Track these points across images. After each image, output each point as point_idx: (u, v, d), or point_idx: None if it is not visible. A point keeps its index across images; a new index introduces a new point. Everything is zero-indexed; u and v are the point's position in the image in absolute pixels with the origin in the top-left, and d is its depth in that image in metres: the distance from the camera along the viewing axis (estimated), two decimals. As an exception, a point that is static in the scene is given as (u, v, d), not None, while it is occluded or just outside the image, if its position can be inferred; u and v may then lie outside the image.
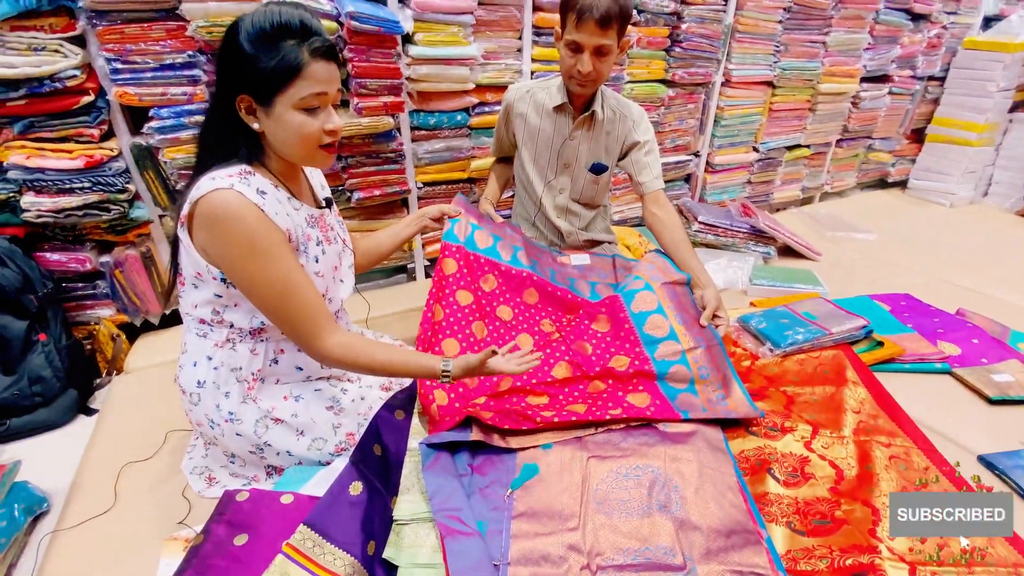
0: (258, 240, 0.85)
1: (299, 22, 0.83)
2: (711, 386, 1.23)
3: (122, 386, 1.51)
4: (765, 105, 2.56)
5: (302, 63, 0.83)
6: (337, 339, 0.92)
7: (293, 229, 0.92)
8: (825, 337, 1.52)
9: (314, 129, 0.88)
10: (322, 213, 1.05)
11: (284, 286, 0.87)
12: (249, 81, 0.84)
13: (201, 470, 1.12)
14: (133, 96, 1.40)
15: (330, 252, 1.04)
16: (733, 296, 1.95)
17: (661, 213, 1.53)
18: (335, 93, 0.90)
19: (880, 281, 2.10)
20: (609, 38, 1.28)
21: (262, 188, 0.88)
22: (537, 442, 1.06)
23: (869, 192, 3.38)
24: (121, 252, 1.55)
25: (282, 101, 0.85)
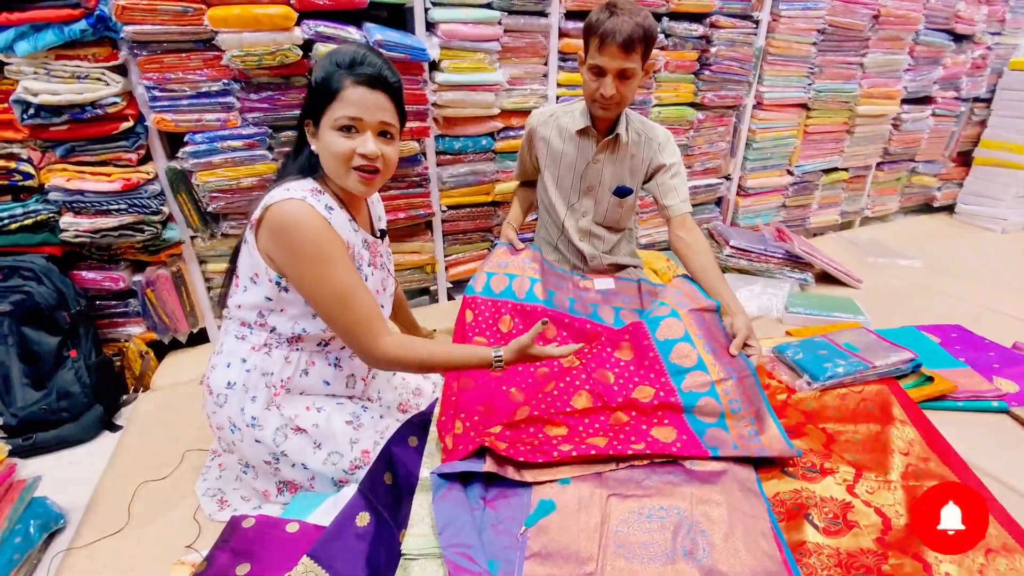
0: (324, 248, 0.92)
1: (350, 56, 0.93)
2: (743, 421, 1.15)
3: (147, 403, 1.53)
4: (799, 127, 2.49)
5: (341, 87, 0.92)
6: (393, 339, 0.97)
7: (352, 246, 1.00)
8: (868, 371, 1.42)
9: (345, 148, 0.94)
10: (375, 241, 1.12)
11: (347, 290, 0.93)
12: (309, 105, 0.97)
13: (214, 492, 1.12)
14: (170, 122, 1.45)
15: (376, 276, 1.10)
16: (768, 325, 1.86)
17: (688, 237, 1.47)
18: (376, 122, 0.95)
19: (928, 311, 1.97)
20: (632, 61, 1.27)
21: (329, 205, 0.97)
22: (554, 476, 1.01)
23: (913, 217, 3.23)
24: (153, 272, 1.59)
25: (325, 121, 0.94)
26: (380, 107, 0.94)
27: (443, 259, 2.04)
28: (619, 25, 1.23)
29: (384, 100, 0.95)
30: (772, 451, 1.10)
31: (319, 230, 0.91)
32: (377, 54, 0.96)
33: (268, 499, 1.09)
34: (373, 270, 1.08)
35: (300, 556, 0.85)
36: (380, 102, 0.94)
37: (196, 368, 1.67)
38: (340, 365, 1.12)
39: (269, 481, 1.09)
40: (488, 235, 2.10)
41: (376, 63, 0.94)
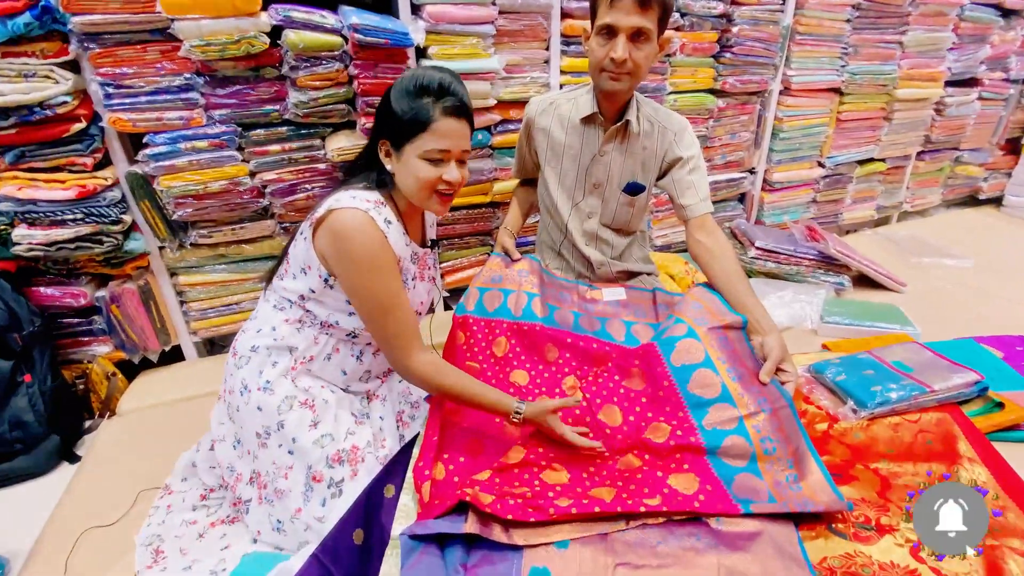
0: (376, 258, 0.95)
1: (437, 83, 0.94)
2: (779, 464, 0.96)
3: (110, 431, 1.41)
4: (832, 115, 2.26)
5: (431, 118, 0.94)
6: (425, 357, 1.00)
7: (402, 260, 1.03)
8: (926, 396, 1.21)
9: (433, 177, 0.97)
10: (425, 252, 1.14)
11: (390, 302, 0.97)
12: (389, 128, 0.97)
13: (151, 540, 1.04)
14: (127, 122, 1.31)
15: (420, 288, 1.12)
16: (801, 336, 1.65)
17: (709, 241, 1.28)
18: (459, 151, 0.98)
19: (984, 319, 1.74)
20: (648, 20, 1.09)
21: (388, 219, 0.99)
22: (550, 538, 0.84)
23: (957, 210, 2.96)
24: (118, 286, 1.46)
25: (410, 149, 0.96)
26: (464, 136, 0.99)
27: (439, 266, 1.87)
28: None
29: (467, 128, 0.99)
30: (816, 503, 0.91)
31: (375, 242, 0.95)
32: (454, 76, 0.98)
33: (221, 527, 1.07)
34: (418, 282, 1.11)
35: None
36: (464, 131, 0.98)
37: (168, 390, 1.54)
38: (362, 359, 1.13)
39: (226, 494, 1.08)
40: (487, 239, 1.93)
41: (460, 90, 0.97)
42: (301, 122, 1.47)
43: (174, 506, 1.12)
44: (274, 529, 0.99)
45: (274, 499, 0.99)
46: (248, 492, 1.05)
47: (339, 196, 0.97)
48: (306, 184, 1.54)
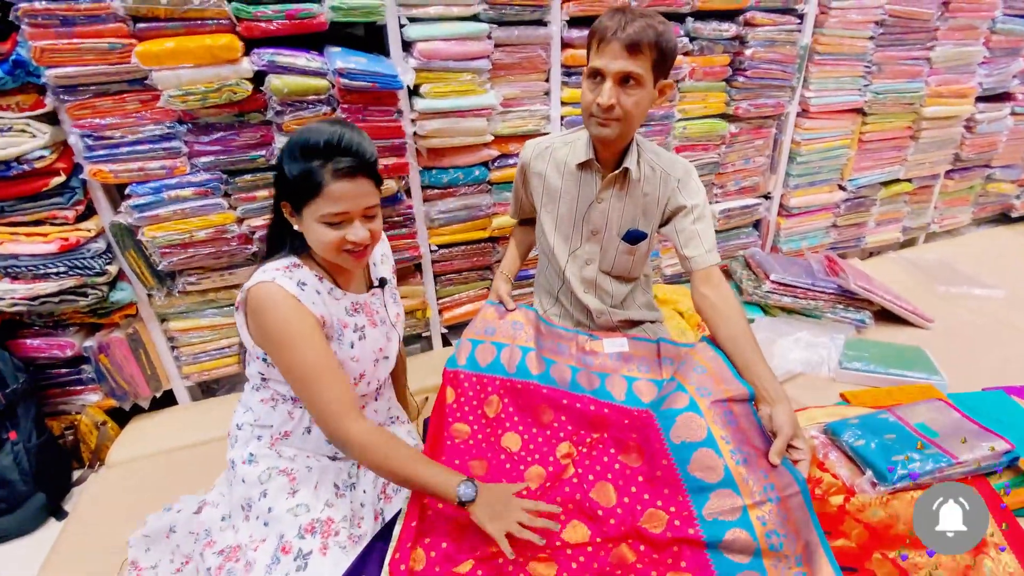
0: (290, 329, 0.90)
1: (324, 143, 0.87)
2: (786, 562, 0.88)
3: (98, 485, 1.38)
4: (854, 136, 2.14)
5: (322, 183, 0.87)
6: (359, 427, 0.92)
7: (328, 317, 0.97)
8: (952, 468, 1.11)
9: (335, 239, 0.91)
10: (366, 300, 1.06)
11: (311, 373, 0.91)
12: (285, 191, 0.93)
13: None
14: (108, 174, 1.28)
15: (372, 335, 1.05)
16: (817, 384, 1.55)
17: (715, 296, 1.19)
18: (360, 210, 0.92)
19: (1016, 362, 1.62)
20: (637, 65, 1.01)
21: (304, 280, 0.94)
22: None
23: (988, 230, 2.80)
24: (105, 335, 1.43)
25: (308, 213, 0.90)
26: (363, 195, 0.91)
27: (436, 302, 1.82)
28: (624, 21, 1.00)
29: (366, 185, 0.92)
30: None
31: (287, 311, 0.90)
32: (350, 127, 0.92)
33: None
34: (369, 329, 1.04)
35: None
36: (363, 189, 0.91)
37: (160, 437, 1.52)
38: None
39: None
40: (487, 273, 1.87)
41: (353, 144, 0.89)
42: (289, 166, 1.41)
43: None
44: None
45: (241, 572, 0.95)
46: (212, 561, 1.00)
47: (254, 275, 0.94)
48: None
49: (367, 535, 0.99)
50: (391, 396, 1.20)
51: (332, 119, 1.01)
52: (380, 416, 1.14)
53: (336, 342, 0.98)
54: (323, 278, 0.99)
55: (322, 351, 0.92)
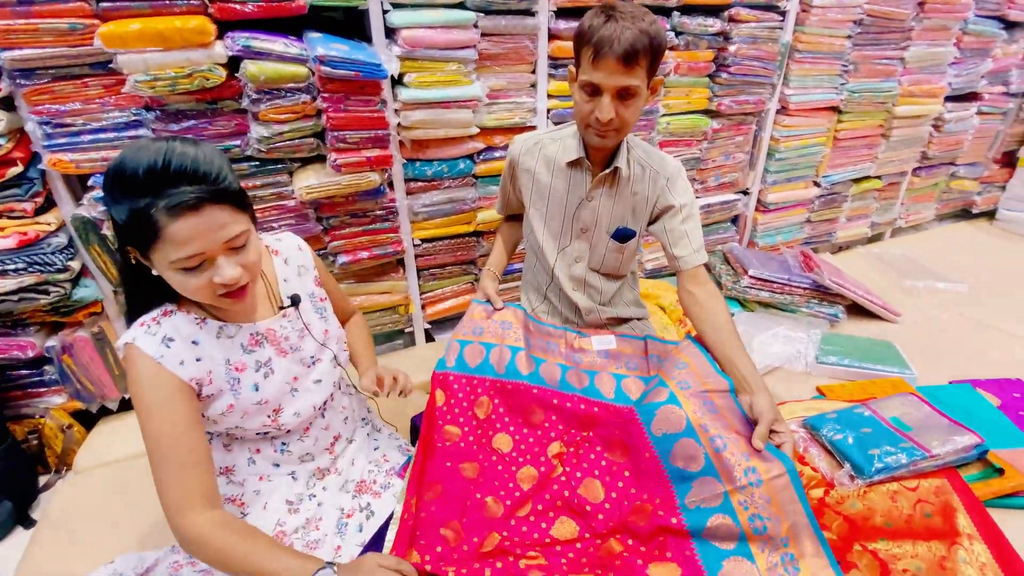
0: (143, 398, 0.79)
1: (146, 171, 0.68)
2: (772, 543, 0.90)
3: (67, 491, 1.31)
4: (829, 133, 2.18)
5: (157, 224, 0.69)
6: (193, 520, 0.79)
7: (213, 370, 0.84)
8: (925, 461, 1.16)
9: (199, 286, 0.75)
10: (269, 328, 0.92)
11: (156, 450, 0.79)
12: (122, 234, 0.74)
13: None
14: (69, 164, 1.20)
15: (284, 367, 0.93)
16: (794, 379, 1.59)
17: (701, 294, 1.21)
18: (221, 245, 0.74)
19: (981, 356, 1.70)
20: (635, 77, 1.00)
21: (171, 335, 0.81)
22: None
23: (950, 225, 2.92)
24: (69, 335, 1.35)
25: (158, 260, 0.73)
26: (218, 226, 0.72)
27: (419, 298, 1.79)
28: (618, 32, 0.96)
29: (220, 214, 0.72)
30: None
31: (142, 378, 0.78)
32: (183, 141, 0.72)
33: None
34: (279, 361, 0.91)
35: None
36: (216, 221, 0.72)
37: (128, 439, 1.45)
38: (288, 448, 0.97)
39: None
40: (471, 267, 1.84)
41: (187, 165, 0.69)
42: (265, 157, 1.35)
43: None
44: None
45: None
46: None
47: (125, 331, 0.81)
48: (273, 223, 1.43)
49: (328, 537, 0.95)
50: (349, 405, 1.10)
51: (158, 136, 0.83)
52: (333, 430, 1.03)
53: (231, 394, 0.86)
54: (205, 319, 0.85)
55: (172, 429, 0.79)
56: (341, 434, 1.05)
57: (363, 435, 1.13)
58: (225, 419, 0.87)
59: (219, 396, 0.84)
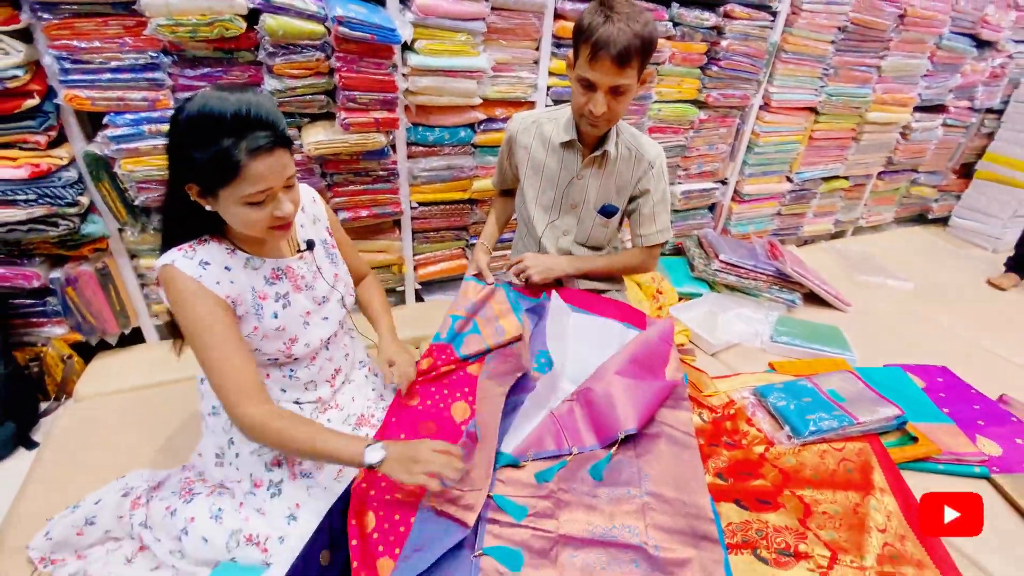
0: (187, 310, 0.88)
1: (234, 114, 0.78)
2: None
3: (68, 417, 1.38)
4: (805, 133, 2.32)
5: (240, 164, 0.79)
6: (254, 410, 0.90)
7: (242, 293, 0.94)
8: (853, 427, 1.34)
9: (263, 218, 0.86)
10: (289, 265, 1.02)
11: (208, 358, 0.90)
12: (192, 174, 0.82)
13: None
14: (85, 100, 1.23)
15: (299, 301, 1.02)
16: (750, 354, 1.76)
17: (638, 253, 1.42)
18: (284, 181, 0.86)
19: (916, 345, 1.90)
20: (627, 77, 1.09)
21: (207, 259, 0.90)
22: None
23: (906, 228, 3.14)
24: (74, 268, 1.40)
25: (226, 196, 0.83)
26: (283, 167, 0.85)
27: (412, 259, 1.87)
28: (614, 35, 1.05)
29: (284, 156, 0.85)
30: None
31: (184, 294, 0.87)
32: (254, 92, 0.82)
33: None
34: (293, 295, 1.01)
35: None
36: (282, 162, 0.84)
37: (127, 373, 1.52)
38: (297, 375, 1.07)
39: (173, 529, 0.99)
40: (464, 233, 1.93)
41: (265, 115, 0.81)
42: (276, 110, 1.40)
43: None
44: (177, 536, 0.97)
45: (228, 502, 0.99)
46: (202, 500, 1.01)
47: (160, 256, 0.90)
48: (279, 174, 1.48)
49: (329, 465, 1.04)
50: (350, 345, 1.19)
51: (224, 84, 0.93)
52: (335, 363, 1.13)
53: (255, 317, 0.95)
54: (234, 251, 0.94)
55: (221, 337, 0.89)
56: (342, 368, 1.15)
57: (361, 376, 1.23)
58: (248, 341, 0.96)
59: (246, 318, 0.95)
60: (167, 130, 0.83)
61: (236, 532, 0.95)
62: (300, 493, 0.99)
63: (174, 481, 1.08)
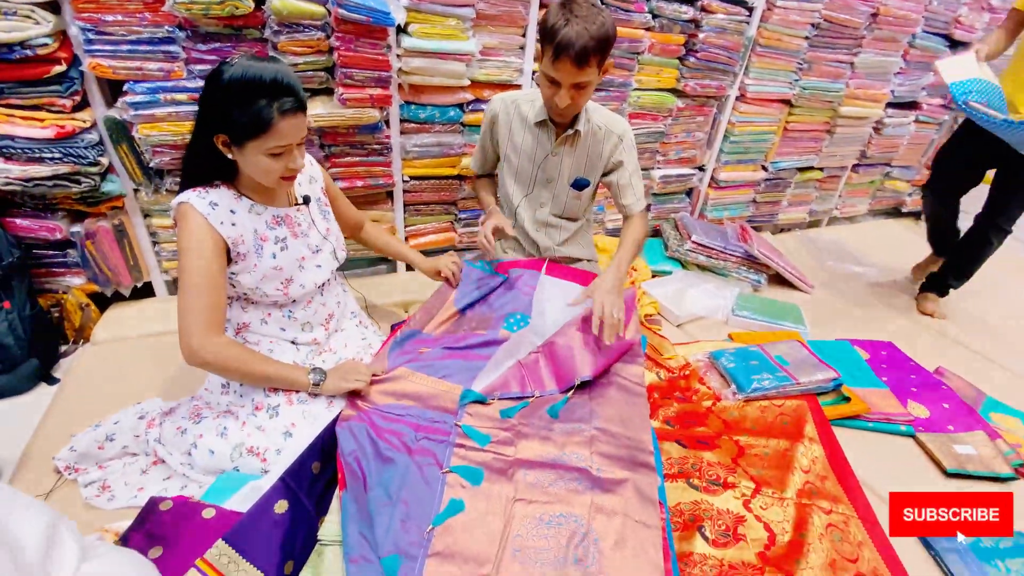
0: (189, 241, 1.02)
1: (271, 82, 0.95)
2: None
3: (87, 357, 1.52)
4: (780, 124, 2.45)
5: (272, 121, 0.96)
6: (207, 341, 1.03)
7: (244, 234, 1.07)
8: (791, 386, 1.50)
9: (279, 168, 1.03)
10: (288, 214, 1.16)
11: (186, 281, 1.02)
12: (226, 126, 0.98)
13: (94, 480, 1.13)
14: (107, 69, 1.36)
15: (295, 245, 1.17)
16: (712, 326, 1.91)
17: (632, 225, 1.53)
18: (300, 139, 1.03)
19: (867, 323, 2.05)
20: (587, 75, 1.23)
21: (216, 201, 1.04)
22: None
23: (881, 220, 3.27)
24: (93, 223, 1.54)
25: (253, 147, 0.99)
26: (301, 127, 1.02)
27: (403, 229, 2.01)
28: (572, 38, 1.17)
29: (303, 119, 1.02)
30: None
31: (192, 227, 1.02)
32: (283, 64, 0.99)
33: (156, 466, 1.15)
34: (291, 241, 1.16)
35: (215, 540, 0.88)
36: (302, 123, 1.02)
37: (139, 322, 1.66)
38: (294, 316, 1.21)
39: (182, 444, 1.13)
40: (452, 208, 2.07)
41: (294, 83, 0.98)
42: (280, 84, 1.53)
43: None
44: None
45: (232, 422, 1.12)
46: (208, 422, 1.14)
47: (177, 196, 1.05)
48: (281, 144, 1.62)
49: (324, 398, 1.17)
50: (342, 296, 1.35)
51: (255, 55, 1.08)
52: (329, 308, 1.27)
53: (256, 255, 1.10)
54: (241, 197, 1.09)
55: (204, 267, 1.01)
56: (334, 314, 1.30)
57: (352, 326, 1.38)
58: (249, 277, 1.11)
59: (247, 256, 1.09)
60: (204, 87, 0.98)
61: (239, 445, 1.09)
62: (296, 416, 1.14)
63: (184, 408, 1.23)
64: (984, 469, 1.37)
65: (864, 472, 1.32)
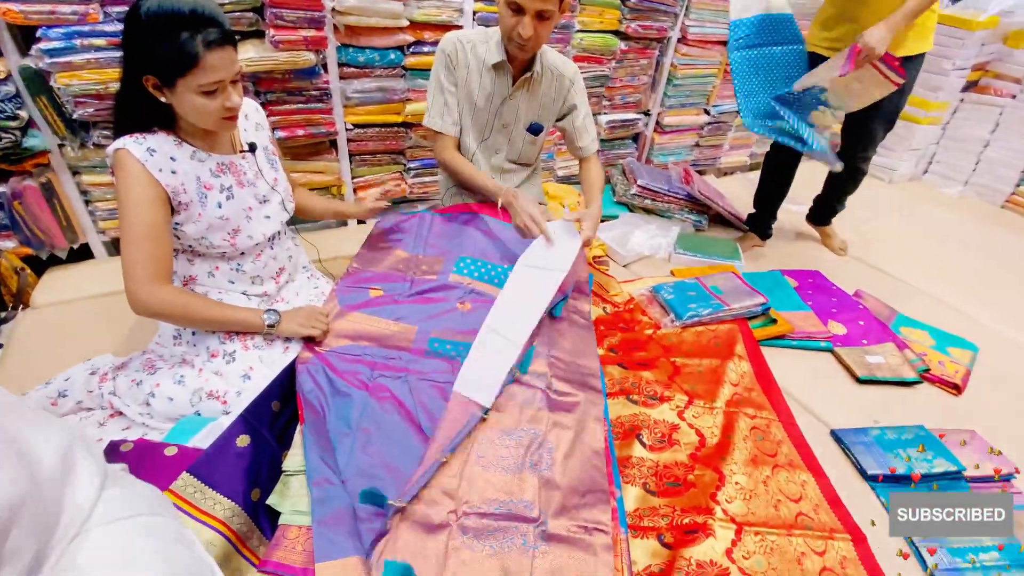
0: (124, 189, 0.99)
1: (191, 10, 0.90)
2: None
3: (28, 322, 1.49)
4: (720, 66, 2.51)
5: (197, 55, 0.91)
6: (155, 290, 1.02)
7: (185, 183, 1.04)
8: (724, 312, 1.62)
9: (216, 108, 0.99)
10: (232, 161, 1.13)
11: (128, 232, 1.00)
12: (151, 66, 0.93)
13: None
14: (18, 13, 1.27)
15: (241, 195, 1.14)
16: (656, 264, 2.01)
17: (589, 168, 1.59)
18: (232, 76, 0.98)
19: (798, 255, 2.20)
20: (551, 3, 1.24)
21: (153, 147, 1.00)
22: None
23: (815, 162, 3.42)
24: (18, 182, 1.47)
25: (183, 85, 0.94)
26: (232, 61, 0.98)
27: (351, 181, 1.99)
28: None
29: (232, 52, 0.97)
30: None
31: (128, 176, 0.98)
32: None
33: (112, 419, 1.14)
34: (236, 190, 1.13)
35: (179, 475, 0.92)
36: (232, 57, 0.97)
37: (81, 284, 1.62)
38: (243, 269, 1.20)
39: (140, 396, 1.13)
40: (400, 157, 2.06)
41: (216, 13, 0.94)
42: (207, 28, 1.47)
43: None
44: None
45: (189, 369, 1.12)
46: (165, 373, 1.13)
47: (113, 143, 1.00)
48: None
49: (279, 340, 1.19)
50: (293, 249, 1.34)
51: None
52: (280, 262, 1.26)
53: (199, 204, 1.06)
54: (182, 143, 1.04)
55: (145, 217, 0.98)
56: (285, 268, 1.30)
57: (304, 278, 1.39)
58: (194, 227, 1.08)
59: (191, 205, 1.06)
60: (123, 27, 0.93)
61: (198, 390, 1.11)
62: (253, 360, 1.16)
63: (136, 362, 1.23)
64: (892, 375, 1.54)
65: (787, 383, 1.47)
